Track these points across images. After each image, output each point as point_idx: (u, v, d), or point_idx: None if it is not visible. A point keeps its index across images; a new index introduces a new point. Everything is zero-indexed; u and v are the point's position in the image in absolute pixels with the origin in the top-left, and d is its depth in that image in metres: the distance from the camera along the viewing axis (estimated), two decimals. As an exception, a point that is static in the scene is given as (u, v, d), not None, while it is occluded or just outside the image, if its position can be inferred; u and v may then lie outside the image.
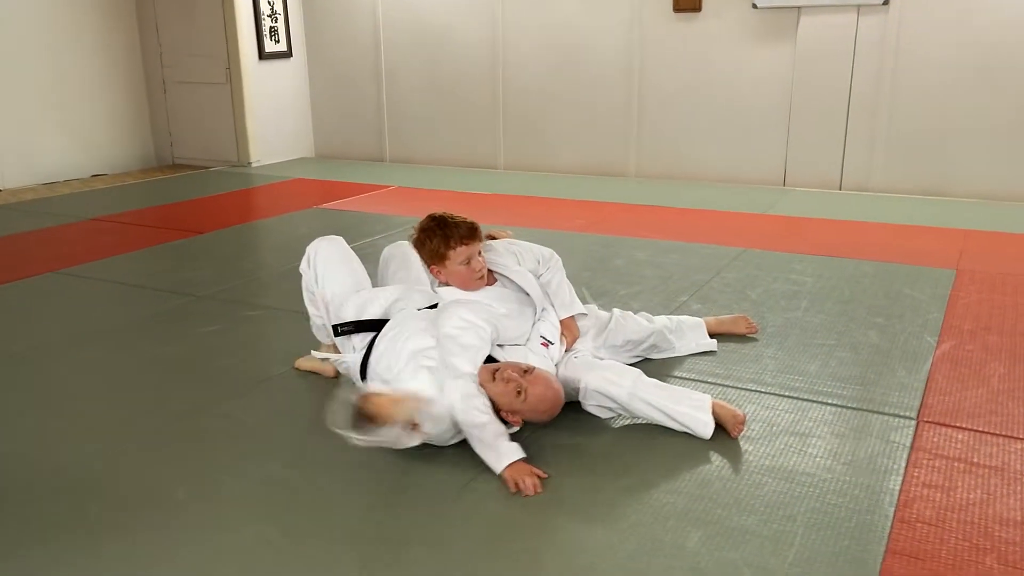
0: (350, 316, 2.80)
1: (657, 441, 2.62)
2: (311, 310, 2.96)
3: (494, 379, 2.49)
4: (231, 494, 2.39)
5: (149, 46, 8.69)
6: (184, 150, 8.93)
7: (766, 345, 3.40)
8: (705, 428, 2.60)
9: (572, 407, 2.73)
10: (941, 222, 5.53)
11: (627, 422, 2.74)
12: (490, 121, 8.15)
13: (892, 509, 2.23)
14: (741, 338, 3.46)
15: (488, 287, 2.83)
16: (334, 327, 2.83)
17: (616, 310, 3.19)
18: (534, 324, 2.79)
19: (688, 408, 2.62)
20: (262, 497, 2.38)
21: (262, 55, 8.44)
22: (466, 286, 2.66)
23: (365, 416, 2.28)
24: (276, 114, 8.72)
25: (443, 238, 2.58)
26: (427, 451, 2.51)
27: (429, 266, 2.69)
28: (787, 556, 2.04)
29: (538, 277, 2.87)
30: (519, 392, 2.45)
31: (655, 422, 2.67)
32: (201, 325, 3.80)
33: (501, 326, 2.64)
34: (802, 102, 6.79)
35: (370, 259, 3.18)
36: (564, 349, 2.81)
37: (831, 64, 6.62)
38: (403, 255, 2.83)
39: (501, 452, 2.38)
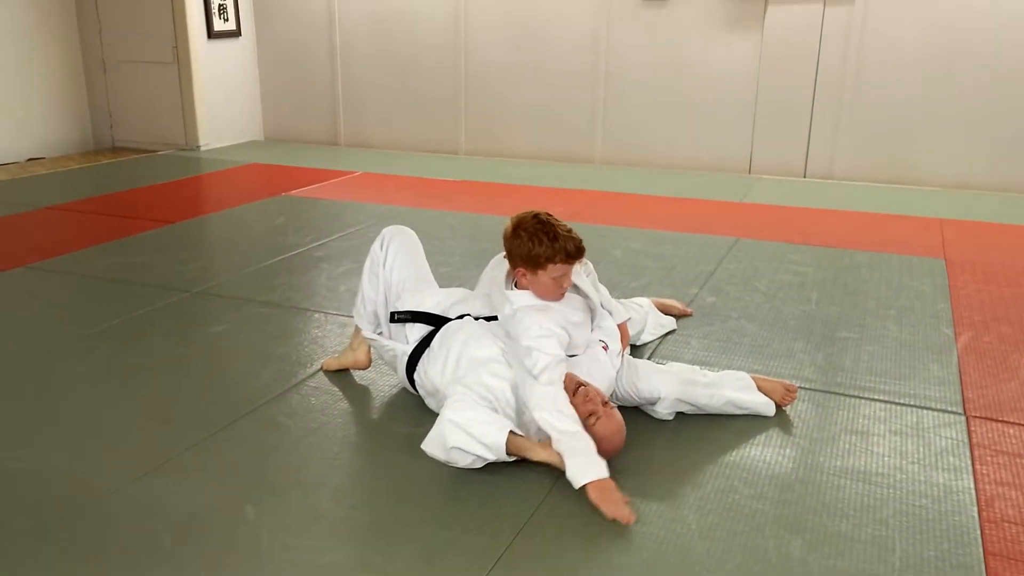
0: (408, 305, 2.77)
1: (716, 441, 2.61)
2: (368, 293, 2.87)
3: (575, 393, 2.43)
4: (303, 511, 2.26)
5: (87, 22, 8.21)
6: (126, 132, 8.50)
7: (793, 339, 3.42)
8: (770, 408, 2.75)
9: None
10: (913, 210, 5.68)
11: (670, 419, 2.73)
12: (451, 105, 8.01)
13: (975, 509, 2.26)
14: (768, 332, 3.48)
15: None
16: (392, 313, 2.80)
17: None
18: (592, 331, 2.74)
19: (754, 395, 2.75)
20: (340, 514, 2.26)
21: (211, 34, 8.08)
22: (545, 297, 2.57)
23: None
24: (225, 96, 8.39)
25: (549, 248, 2.47)
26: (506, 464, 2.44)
27: (516, 267, 2.57)
28: (893, 563, 2.04)
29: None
30: (591, 415, 2.39)
31: (722, 413, 2.73)
32: (207, 324, 3.61)
33: (574, 335, 2.58)
34: (768, 91, 6.87)
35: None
36: (620, 355, 2.76)
37: (797, 54, 6.71)
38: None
39: (590, 462, 2.31)
